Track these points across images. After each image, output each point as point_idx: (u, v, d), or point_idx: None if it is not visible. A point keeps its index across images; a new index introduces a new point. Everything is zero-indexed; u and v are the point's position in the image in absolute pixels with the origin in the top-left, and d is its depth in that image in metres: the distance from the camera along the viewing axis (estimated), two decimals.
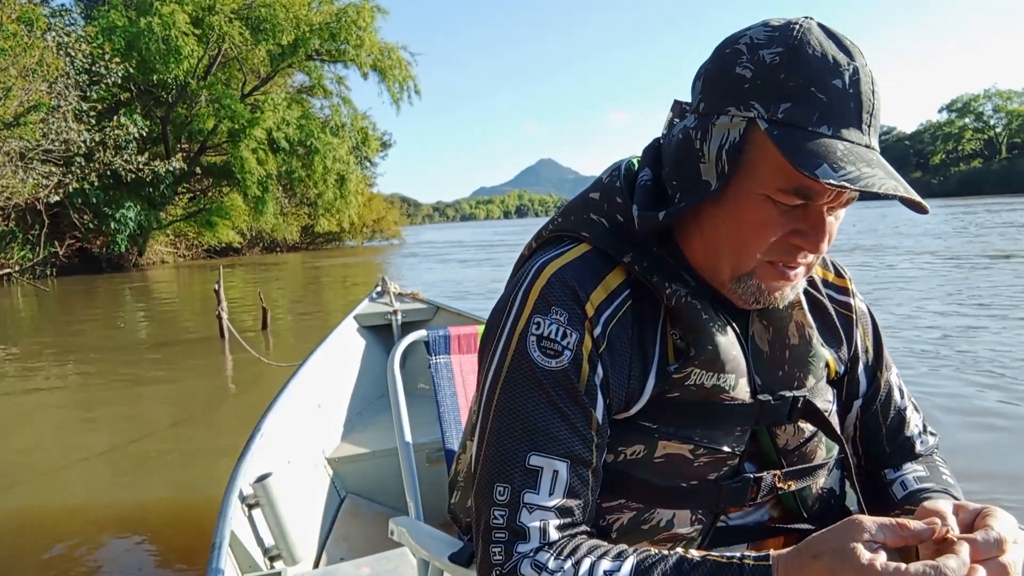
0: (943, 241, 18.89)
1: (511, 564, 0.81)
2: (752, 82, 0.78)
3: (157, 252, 30.55)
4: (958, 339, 6.48)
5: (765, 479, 0.92)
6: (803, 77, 0.76)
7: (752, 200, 0.81)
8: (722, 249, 0.85)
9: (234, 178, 28.50)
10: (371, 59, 30.74)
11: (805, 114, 0.76)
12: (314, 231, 40.41)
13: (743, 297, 0.87)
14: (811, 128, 0.76)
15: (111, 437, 4.95)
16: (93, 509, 3.60)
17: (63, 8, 23.28)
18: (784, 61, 0.77)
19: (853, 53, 0.78)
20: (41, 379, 7.17)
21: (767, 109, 0.78)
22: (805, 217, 0.81)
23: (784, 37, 0.78)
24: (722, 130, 0.81)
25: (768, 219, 0.81)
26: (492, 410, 0.87)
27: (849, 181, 0.73)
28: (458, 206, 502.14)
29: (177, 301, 15.72)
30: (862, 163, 0.75)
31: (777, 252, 0.83)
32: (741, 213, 0.82)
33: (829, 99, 0.76)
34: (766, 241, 0.82)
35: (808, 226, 0.81)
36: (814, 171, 0.73)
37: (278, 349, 8.04)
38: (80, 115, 18.12)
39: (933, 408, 4.35)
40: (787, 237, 0.82)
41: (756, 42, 0.80)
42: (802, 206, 0.80)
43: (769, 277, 0.85)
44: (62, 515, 3.53)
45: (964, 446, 3.80)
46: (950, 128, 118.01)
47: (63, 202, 20.53)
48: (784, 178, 0.78)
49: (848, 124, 0.77)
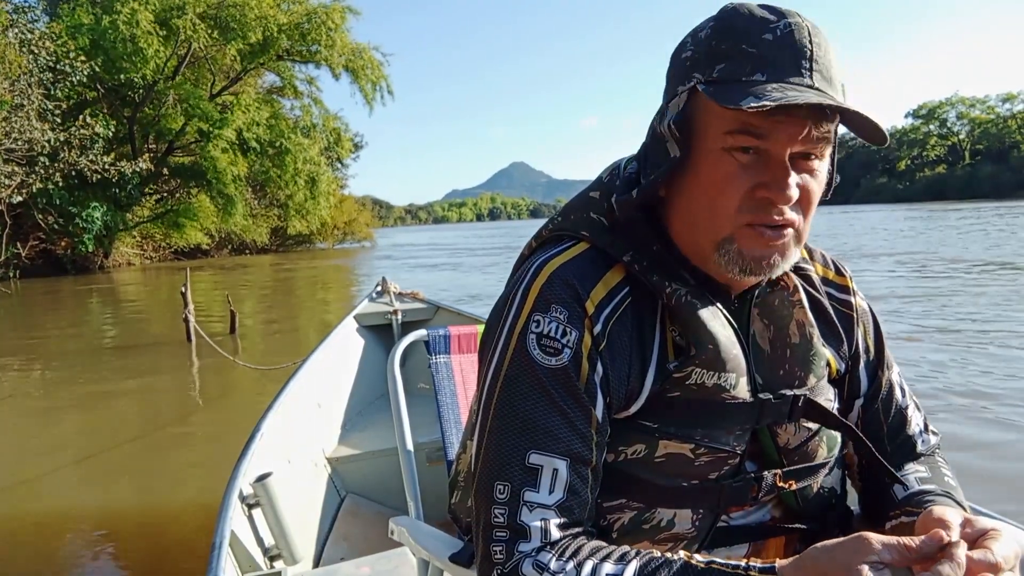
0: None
1: (512, 563, 0.81)
2: (692, 58, 0.84)
3: (124, 254, 30.01)
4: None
5: (766, 478, 0.92)
6: (733, 39, 0.81)
7: (711, 158, 0.83)
8: (698, 220, 0.86)
9: (202, 179, 28.09)
10: (343, 59, 30.53)
11: (738, 68, 0.80)
12: (285, 233, 39.99)
13: (727, 267, 0.86)
14: (745, 78, 0.79)
15: (80, 443, 4.86)
16: (90, 511, 3.56)
17: (26, 5, 22.79)
18: (716, 30, 0.82)
19: (785, 12, 0.81)
20: (2, 385, 7.01)
21: (703, 75, 0.82)
22: (767, 168, 0.81)
23: (717, 15, 0.84)
24: (673, 108, 0.86)
25: (729, 174, 0.82)
26: (492, 408, 0.87)
27: (771, 101, 0.74)
28: (430, 208, 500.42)
29: (144, 304, 15.46)
30: (790, 89, 0.77)
31: (748, 210, 0.82)
32: (704, 174, 0.84)
33: (760, 51, 0.79)
34: (734, 197, 0.82)
35: (771, 176, 0.81)
36: (739, 103, 0.75)
37: (246, 353, 7.94)
38: (44, 114, 17.75)
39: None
40: (753, 192, 0.82)
41: (696, 28, 0.86)
42: (763, 156, 0.81)
43: (750, 241, 0.84)
44: (54, 520, 3.47)
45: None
46: (915, 134, 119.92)
47: (26, 202, 20.09)
48: (726, 122, 0.81)
49: (786, 72, 0.79)
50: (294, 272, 23.31)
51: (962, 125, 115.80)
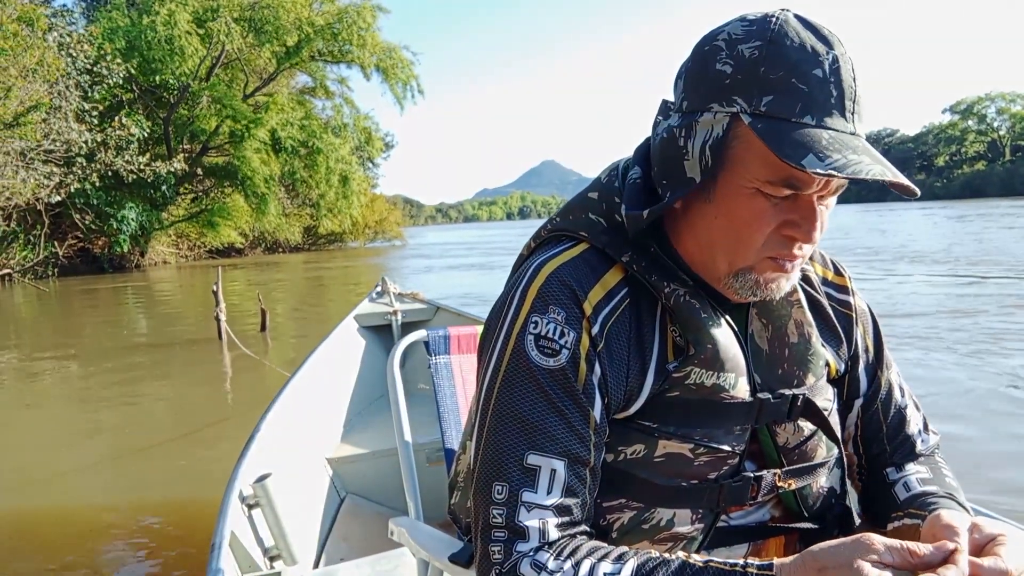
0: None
1: (511, 563, 0.81)
2: (733, 77, 0.79)
3: (159, 252, 30.60)
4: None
5: (766, 478, 0.92)
6: (783, 69, 0.77)
7: (742, 195, 0.81)
8: (716, 246, 0.86)
9: (236, 179, 28.53)
10: (374, 59, 30.79)
11: (787, 106, 0.77)
12: (316, 232, 40.45)
13: (740, 291, 0.87)
14: (794, 119, 0.76)
15: (109, 439, 4.95)
16: (92, 510, 3.60)
17: (64, 8, 23.31)
18: (763, 55, 0.77)
19: (832, 42, 0.78)
20: (40, 380, 7.16)
21: (749, 103, 0.78)
22: (796, 208, 0.81)
23: (762, 31, 0.79)
24: (705, 127, 0.81)
25: (760, 212, 0.81)
26: (490, 409, 0.87)
27: (836, 169, 0.73)
28: (461, 207, 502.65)
29: (178, 302, 15.72)
30: (848, 150, 0.75)
31: (773, 246, 0.83)
32: (732, 209, 0.82)
33: (810, 89, 0.76)
34: (761, 235, 0.82)
35: (799, 216, 0.81)
36: (800, 161, 0.73)
37: (276, 351, 8.04)
38: (82, 115, 18.13)
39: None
40: (780, 229, 0.82)
41: (734, 37, 0.80)
42: (792, 197, 0.81)
43: (768, 270, 0.85)
44: (61, 516, 3.53)
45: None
46: (953, 130, 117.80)
47: (64, 202, 20.54)
48: (771, 170, 0.78)
49: (831, 113, 0.77)
50: (326, 271, 23.53)
51: (1002, 120, 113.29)
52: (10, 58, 15.45)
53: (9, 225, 20.52)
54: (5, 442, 5.04)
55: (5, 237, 21.56)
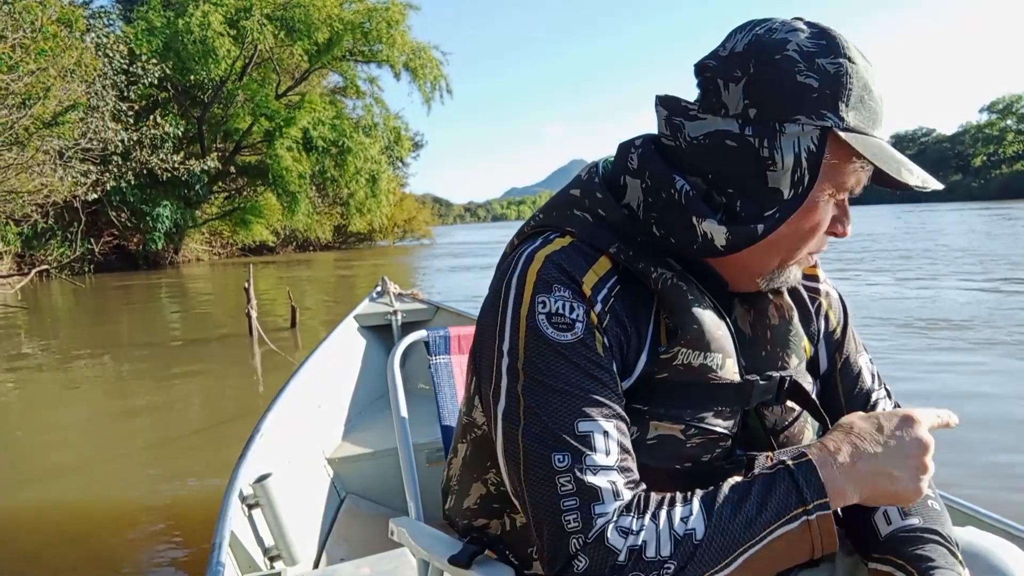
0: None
1: (596, 532, 0.79)
2: (820, 91, 0.82)
3: (193, 250, 31.09)
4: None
5: (758, 460, 0.93)
6: (859, 86, 0.83)
7: (820, 203, 0.86)
8: (777, 248, 0.89)
9: (268, 177, 28.86)
10: (403, 58, 30.91)
11: (868, 120, 0.84)
12: (346, 230, 40.79)
13: (773, 283, 0.93)
14: (869, 134, 0.84)
15: (132, 433, 5.01)
16: (94, 507, 3.61)
17: (102, 10, 23.71)
18: (844, 71, 0.82)
19: (868, 58, 0.86)
20: (75, 373, 7.29)
21: (840, 118, 0.82)
22: (839, 207, 0.89)
23: (832, 46, 0.83)
24: (793, 138, 0.83)
25: (825, 217, 0.88)
26: (519, 396, 0.86)
27: (920, 182, 0.84)
28: (489, 206, 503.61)
29: (211, 298, 15.95)
30: (912, 163, 0.85)
31: (818, 243, 0.91)
32: (809, 215, 0.87)
33: (875, 105, 0.85)
34: (821, 236, 0.90)
35: (841, 213, 0.90)
36: (899, 174, 0.82)
37: (307, 348, 8.08)
38: (118, 115, 18.43)
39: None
40: (828, 227, 0.90)
41: (808, 50, 0.83)
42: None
43: (800, 263, 0.93)
44: (62, 513, 3.53)
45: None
46: (991, 130, 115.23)
47: (101, 200, 20.92)
48: (855, 180, 0.86)
49: (880, 124, 0.85)
50: (356, 269, 23.69)
51: None
52: (50, 59, 15.74)
53: (47, 222, 20.94)
54: (29, 435, 5.13)
55: (43, 234, 22.03)
